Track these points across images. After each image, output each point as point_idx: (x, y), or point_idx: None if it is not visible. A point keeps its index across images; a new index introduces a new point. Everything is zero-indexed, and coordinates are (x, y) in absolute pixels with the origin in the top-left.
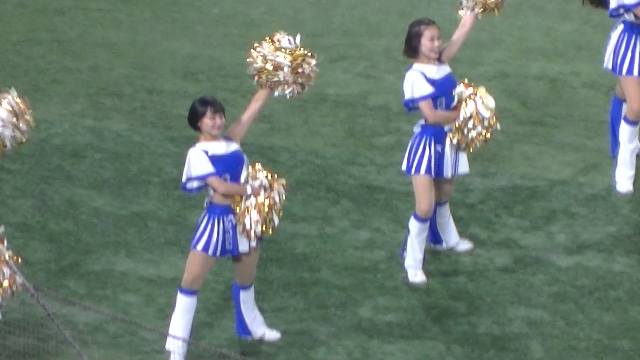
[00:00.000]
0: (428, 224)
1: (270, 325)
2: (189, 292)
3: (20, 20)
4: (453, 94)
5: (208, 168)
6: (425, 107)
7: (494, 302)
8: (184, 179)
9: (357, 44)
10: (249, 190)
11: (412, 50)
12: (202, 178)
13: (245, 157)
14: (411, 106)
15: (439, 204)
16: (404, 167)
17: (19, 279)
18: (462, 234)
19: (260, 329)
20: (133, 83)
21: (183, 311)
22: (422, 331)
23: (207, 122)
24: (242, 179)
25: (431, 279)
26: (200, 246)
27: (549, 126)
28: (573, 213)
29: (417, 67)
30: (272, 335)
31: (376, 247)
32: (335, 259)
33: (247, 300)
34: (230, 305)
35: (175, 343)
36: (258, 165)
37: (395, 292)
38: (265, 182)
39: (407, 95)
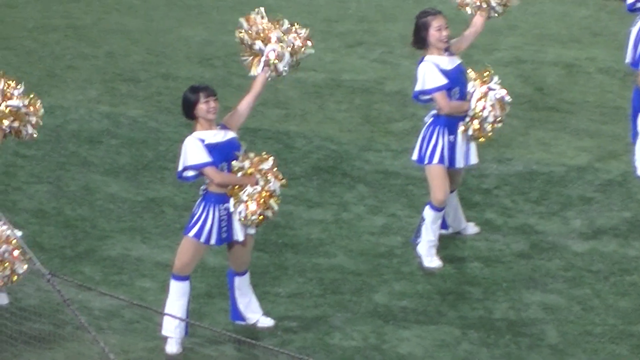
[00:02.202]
0: (443, 212)
1: (268, 312)
2: (180, 277)
3: (36, 6)
4: (469, 89)
5: (204, 157)
6: (439, 98)
7: (510, 287)
8: (180, 167)
9: (372, 29)
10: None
11: (420, 41)
12: (198, 168)
13: (241, 145)
14: (421, 98)
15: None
16: (415, 157)
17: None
18: (478, 219)
19: (254, 315)
20: (148, 69)
21: (176, 296)
22: (438, 316)
23: (201, 107)
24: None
25: (447, 264)
26: (192, 233)
27: (565, 112)
28: (589, 198)
29: (430, 58)
30: (266, 322)
31: (392, 232)
32: (350, 245)
33: (241, 286)
34: None
35: (173, 328)
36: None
37: (411, 278)
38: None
39: (419, 87)
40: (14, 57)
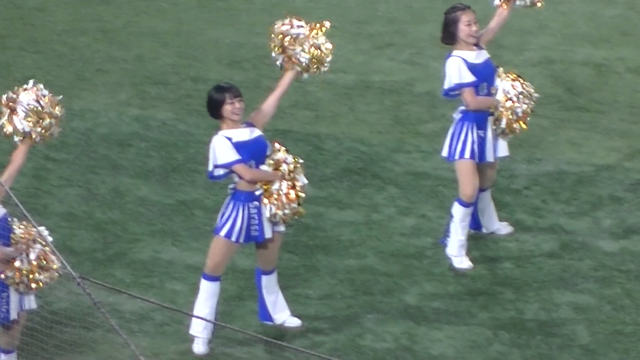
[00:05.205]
0: (472, 208)
1: (295, 312)
2: (212, 278)
3: (66, 9)
4: (495, 86)
5: (233, 155)
6: (467, 94)
7: (541, 287)
8: (210, 167)
9: (402, 31)
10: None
11: (450, 36)
12: (228, 166)
13: (268, 142)
14: (451, 94)
15: (481, 190)
16: (445, 153)
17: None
18: (508, 219)
19: (281, 315)
20: (178, 72)
21: (207, 297)
22: (469, 317)
23: (227, 108)
24: (267, 164)
25: (477, 265)
26: (223, 232)
27: (595, 112)
28: (619, 198)
29: (457, 53)
30: (293, 322)
31: (422, 233)
32: (381, 246)
33: (269, 285)
34: None
35: (201, 329)
36: (280, 148)
37: (442, 279)
38: (290, 165)
39: (448, 84)
40: (44, 61)
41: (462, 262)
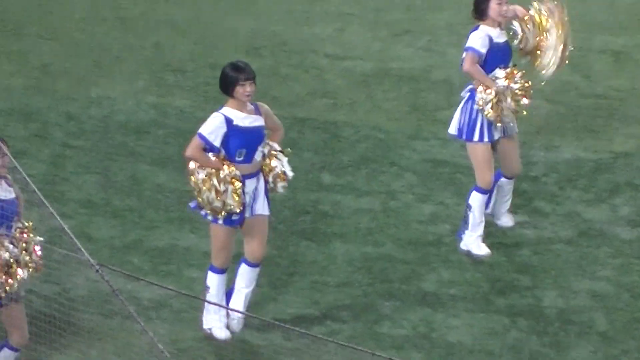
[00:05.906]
0: (488, 194)
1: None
2: (218, 270)
3: None
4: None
5: (210, 134)
6: (469, 57)
7: (559, 275)
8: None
9: (419, 18)
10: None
11: (480, 12)
12: (198, 134)
13: (265, 135)
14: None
15: (506, 177)
16: (453, 130)
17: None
18: (526, 207)
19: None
20: (196, 60)
21: (220, 287)
22: (486, 304)
23: (239, 89)
24: (257, 156)
25: (495, 252)
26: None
27: (613, 99)
28: (637, 185)
29: (484, 28)
30: (222, 330)
31: (440, 220)
32: (399, 233)
33: (243, 276)
34: (293, 280)
35: (218, 317)
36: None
37: (460, 266)
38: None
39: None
40: (61, 49)
41: (480, 248)
